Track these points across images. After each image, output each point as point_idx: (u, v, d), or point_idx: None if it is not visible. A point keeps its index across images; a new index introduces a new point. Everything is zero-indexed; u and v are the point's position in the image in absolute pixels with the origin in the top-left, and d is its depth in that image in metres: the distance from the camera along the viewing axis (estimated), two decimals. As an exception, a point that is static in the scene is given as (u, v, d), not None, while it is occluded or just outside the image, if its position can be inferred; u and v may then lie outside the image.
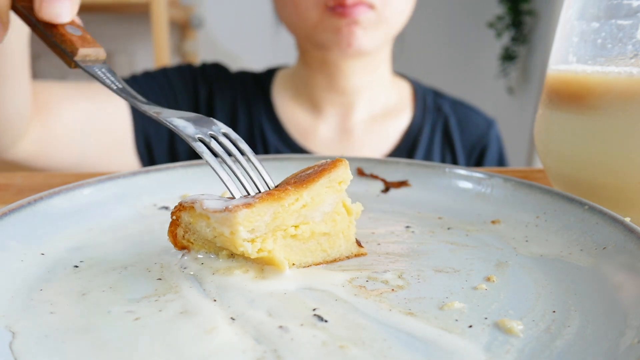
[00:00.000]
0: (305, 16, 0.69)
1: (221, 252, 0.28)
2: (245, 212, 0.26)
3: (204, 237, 0.28)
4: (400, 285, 0.26)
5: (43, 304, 0.24)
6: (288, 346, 0.21)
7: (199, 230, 0.27)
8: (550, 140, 0.38)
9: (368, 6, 0.66)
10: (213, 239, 0.27)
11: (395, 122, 0.82)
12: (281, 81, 0.84)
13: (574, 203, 0.33)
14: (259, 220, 0.26)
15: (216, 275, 0.27)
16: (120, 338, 0.21)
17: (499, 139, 0.87)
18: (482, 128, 0.85)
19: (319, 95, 0.79)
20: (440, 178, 0.41)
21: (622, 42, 0.34)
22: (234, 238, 0.26)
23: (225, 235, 0.26)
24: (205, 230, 0.27)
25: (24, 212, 0.30)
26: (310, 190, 0.28)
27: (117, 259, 0.29)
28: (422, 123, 0.82)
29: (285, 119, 0.80)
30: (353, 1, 0.65)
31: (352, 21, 0.67)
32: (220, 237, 0.27)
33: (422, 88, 0.87)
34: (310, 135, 0.80)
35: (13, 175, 0.50)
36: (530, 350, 0.21)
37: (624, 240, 0.27)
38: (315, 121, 0.80)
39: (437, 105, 0.85)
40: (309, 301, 0.24)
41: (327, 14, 0.67)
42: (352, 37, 0.68)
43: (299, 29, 0.72)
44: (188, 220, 0.28)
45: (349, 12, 0.65)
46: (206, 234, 0.27)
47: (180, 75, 0.82)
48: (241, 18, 2.18)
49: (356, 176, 0.43)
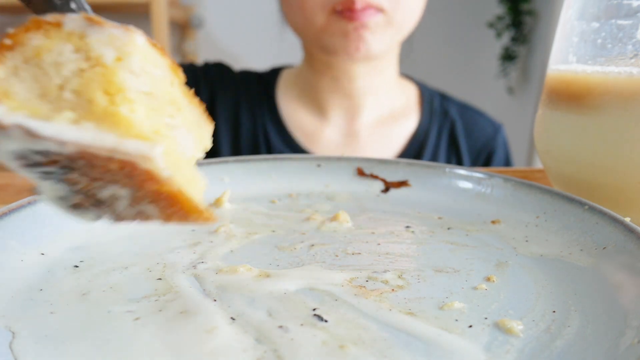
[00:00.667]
0: (312, 20, 0.67)
1: (59, 114, 0.18)
2: (146, 40, 0.19)
3: (44, 86, 0.18)
4: (400, 285, 0.26)
5: (43, 303, 0.24)
6: (288, 346, 0.21)
7: (45, 69, 0.18)
8: (550, 140, 0.38)
9: (377, 9, 0.65)
10: (61, 86, 0.18)
11: (402, 126, 0.81)
12: (286, 81, 0.83)
13: (574, 203, 0.33)
14: (152, 68, 0.20)
15: (218, 274, 0.27)
16: (120, 338, 0.21)
17: (506, 144, 0.86)
18: (489, 133, 0.84)
19: (325, 97, 0.78)
20: (440, 178, 0.41)
21: (622, 42, 0.34)
22: (117, 67, 0.18)
23: (101, 66, 0.18)
24: (67, 58, 0.18)
25: (24, 212, 0.30)
26: (190, 107, 0.23)
27: (118, 258, 0.29)
28: (428, 127, 0.81)
29: (290, 121, 0.79)
30: (362, 5, 0.63)
31: (361, 25, 0.65)
32: (84, 75, 0.18)
33: (429, 91, 0.86)
34: (315, 139, 0.79)
35: (13, 175, 0.50)
36: (530, 350, 0.21)
37: (624, 240, 0.27)
38: (320, 124, 0.79)
39: (443, 109, 0.83)
40: (309, 301, 0.24)
41: (335, 17, 0.65)
42: (361, 41, 0.66)
43: (305, 32, 0.71)
44: (35, 48, 0.18)
45: (357, 15, 0.64)
46: (53, 77, 0.18)
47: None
48: (242, 18, 2.18)
49: (356, 176, 0.43)
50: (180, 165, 0.21)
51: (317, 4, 0.66)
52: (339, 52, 0.69)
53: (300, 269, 0.28)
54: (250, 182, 0.42)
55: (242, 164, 0.42)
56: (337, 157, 0.44)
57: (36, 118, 0.17)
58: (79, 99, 0.18)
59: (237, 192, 0.40)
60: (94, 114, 0.18)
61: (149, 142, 0.18)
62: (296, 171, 0.43)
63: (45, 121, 0.17)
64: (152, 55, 0.20)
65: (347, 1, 0.63)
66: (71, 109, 0.18)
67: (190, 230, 0.33)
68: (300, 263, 0.29)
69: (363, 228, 0.34)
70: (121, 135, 0.18)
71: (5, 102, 0.18)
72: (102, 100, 0.18)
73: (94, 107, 0.18)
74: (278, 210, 0.38)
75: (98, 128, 0.18)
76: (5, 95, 0.18)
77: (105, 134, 0.18)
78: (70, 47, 0.18)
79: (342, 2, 0.64)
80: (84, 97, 0.18)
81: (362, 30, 0.66)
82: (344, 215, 0.35)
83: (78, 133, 0.17)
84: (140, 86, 0.19)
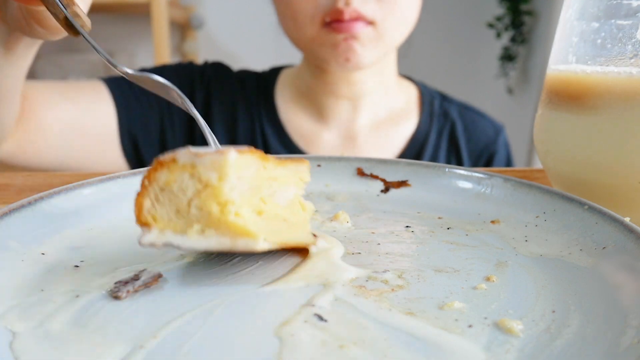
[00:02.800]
0: (303, 31, 0.68)
1: (190, 228, 0.24)
2: (237, 155, 0.24)
3: (177, 205, 0.24)
4: (400, 285, 0.26)
5: (43, 303, 0.24)
6: (288, 345, 0.21)
7: (175, 193, 0.24)
8: (550, 140, 0.38)
9: (367, 22, 0.65)
10: (188, 203, 0.24)
11: (401, 127, 0.81)
12: (285, 82, 0.82)
13: (574, 203, 0.33)
14: (246, 171, 0.25)
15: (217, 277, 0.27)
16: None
17: (507, 146, 0.85)
18: (490, 135, 0.83)
19: (322, 100, 0.78)
20: (440, 178, 0.41)
21: (622, 42, 0.34)
22: (221, 186, 0.24)
23: (210, 186, 0.24)
24: (187, 184, 0.24)
25: (24, 212, 0.30)
26: (281, 168, 0.28)
27: (118, 258, 0.29)
28: (428, 129, 0.81)
29: (288, 123, 0.79)
30: (351, 16, 0.63)
31: (350, 36, 0.65)
32: (201, 195, 0.24)
33: (429, 92, 0.85)
34: (314, 141, 0.78)
35: (13, 175, 0.50)
36: (530, 350, 0.21)
37: (623, 240, 0.27)
38: (318, 126, 0.79)
39: (444, 110, 0.83)
40: (309, 300, 0.24)
41: (325, 30, 0.66)
42: (350, 52, 0.66)
43: (298, 42, 0.72)
44: (164, 181, 0.24)
45: (346, 27, 0.64)
46: (182, 198, 0.24)
47: (177, 74, 0.80)
48: (242, 18, 2.18)
49: (356, 176, 0.43)
50: (283, 222, 0.28)
51: (307, 16, 0.66)
52: (330, 63, 0.69)
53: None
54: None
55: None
56: (337, 157, 0.44)
57: (177, 233, 0.24)
58: (201, 212, 0.24)
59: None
60: (213, 223, 0.24)
61: (254, 239, 0.24)
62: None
63: (183, 235, 0.24)
64: (244, 161, 0.25)
65: (335, 12, 0.63)
66: (197, 221, 0.24)
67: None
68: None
69: (363, 228, 0.34)
70: (234, 236, 0.24)
71: (155, 225, 0.24)
72: (216, 212, 0.24)
73: (212, 217, 0.24)
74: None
75: (217, 234, 0.24)
76: (154, 219, 0.24)
77: (223, 238, 0.24)
78: (187, 175, 0.24)
79: (330, 13, 0.64)
80: (204, 210, 0.24)
81: (352, 41, 0.65)
82: (344, 215, 0.35)
83: (205, 242, 0.24)
84: (241, 189, 0.25)
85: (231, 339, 0.21)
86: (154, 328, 0.22)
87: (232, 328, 0.22)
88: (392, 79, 0.81)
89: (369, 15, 0.64)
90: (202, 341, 0.21)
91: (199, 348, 0.21)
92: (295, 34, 0.70)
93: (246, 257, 0.29)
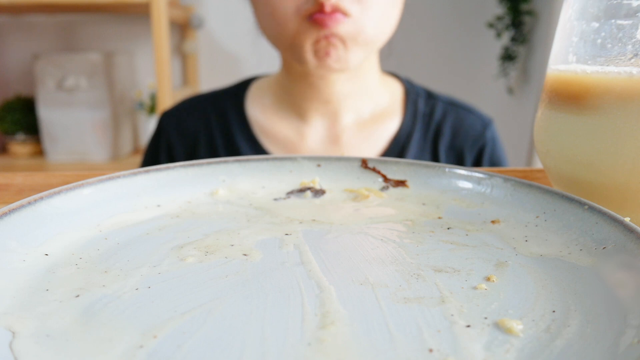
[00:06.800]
0: (284, 26, 0.68)
1: None
2: None
3: None
4: (400, 285, 0.26)
5: (44, 303, 0.24)
6: (288, 346, 0.21)
7: None
8: (550, 140, 0.38)
9: (343, 13, 0.66)
10: None
11: (384, 127, 0.80)
12: (259, 92, 0.83)
13: (574, 203, 0.33)
14: None
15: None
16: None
17: (495, 139, 0.84)
18: (477, 130, 0.83)
19: (303, 104, 0.78)
20: (440, 178, 0.41)
21: (622, 42, 0.34)
22: None
23: None
24: None
25: (24, 212, 0.30)
26: None
27: (118, 258, 0.29)
28: (411, 129, 0.80)
29: (263, 131, 0.80)
30: (332, 6, 0.64)
31: (331, 33, 0.66)
32: None
33: (415, 89, 0.85)
34: (296, 146, 0.79)
35: (13, 175, 0.50)
36: (530, 350, 0.21)
37: (623, 240, 0.27)
38: (299, 130, 0.79)
39: (429, 109, 0.82)
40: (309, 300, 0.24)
41: (306, 24, 0.67)
42: (331, 47, 0.67)
43: (278, 40, 0.72)
44: None
45: (327, 20, 0.65)
46: None
47: (153, 149, 0.84)
48: (242, 18, 2.18)
49: (359, 169, 0.43)
50: None
51: (288, 11, 0.67)
52: (310, 61, 0.69)
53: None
54: (249, 181, 0.42)
55: (242, 164, 0.42)
56: (337, 157, 0.44)
57: None
58: None
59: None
60: None
61: None
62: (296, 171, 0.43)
63: None
64: None
65: (316, 4, 0.64)
66: None
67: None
68: (299, 263, 0.29)
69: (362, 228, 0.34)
70: None
71: None
72: None
73: None
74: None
75: None
76: None
77: None
78: None
79: (311, 7, 0.65)
80: None
81: (332, 38, 0.67)
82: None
83: None
84: None
85: (231, 339, 0.21)
86: (154, 328, 0.22)
87: (232, 328, 0.22)
88: (375, 79, 0.80)
89: (344, 7, 0.65)
90: (202, 341, 0.21)
91: (199, 348, 0.21)
92: (274, 32, 0.70)
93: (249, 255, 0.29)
